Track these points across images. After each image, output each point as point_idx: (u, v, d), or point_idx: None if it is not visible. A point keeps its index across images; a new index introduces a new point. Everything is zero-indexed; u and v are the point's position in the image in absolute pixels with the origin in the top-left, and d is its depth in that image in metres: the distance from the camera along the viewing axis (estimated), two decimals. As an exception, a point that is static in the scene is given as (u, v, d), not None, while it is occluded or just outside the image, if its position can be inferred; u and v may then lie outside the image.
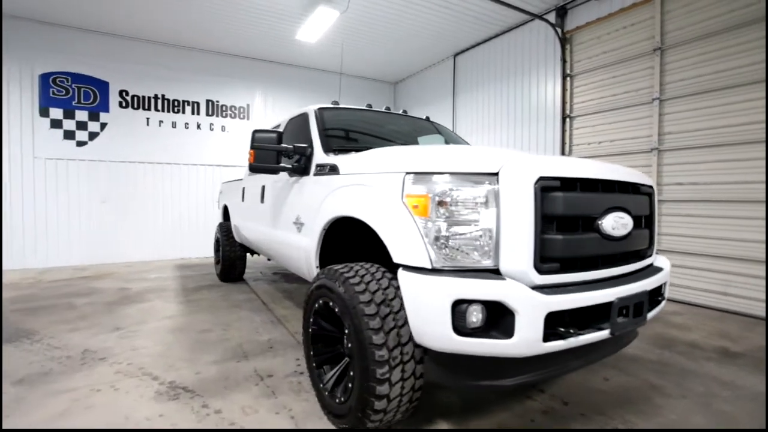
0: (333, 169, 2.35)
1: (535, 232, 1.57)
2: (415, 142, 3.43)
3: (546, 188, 1.61)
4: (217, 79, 7.68)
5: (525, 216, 1.57)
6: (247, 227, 4.24)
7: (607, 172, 1.87)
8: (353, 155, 2.32)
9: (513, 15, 6.10)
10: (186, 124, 7.40)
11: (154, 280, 5.54)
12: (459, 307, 1.52)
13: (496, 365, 1.66)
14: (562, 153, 5.75)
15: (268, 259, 5.54)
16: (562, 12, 5.67)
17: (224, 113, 7.77)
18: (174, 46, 7.25)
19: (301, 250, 2.67)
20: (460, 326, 1.52)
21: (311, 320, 2.18)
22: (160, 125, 7.17)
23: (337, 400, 1.92)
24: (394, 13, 6.08)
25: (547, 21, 5.71)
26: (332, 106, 3.25)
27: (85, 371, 2.65)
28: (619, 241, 1.85)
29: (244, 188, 4.41)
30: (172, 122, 7.28)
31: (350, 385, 1.82)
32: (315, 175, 2.57)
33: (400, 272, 1.67)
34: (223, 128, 7.76)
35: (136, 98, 6.95)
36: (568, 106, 5.69)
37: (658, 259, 2.28)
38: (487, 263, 1.60)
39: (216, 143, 7.71)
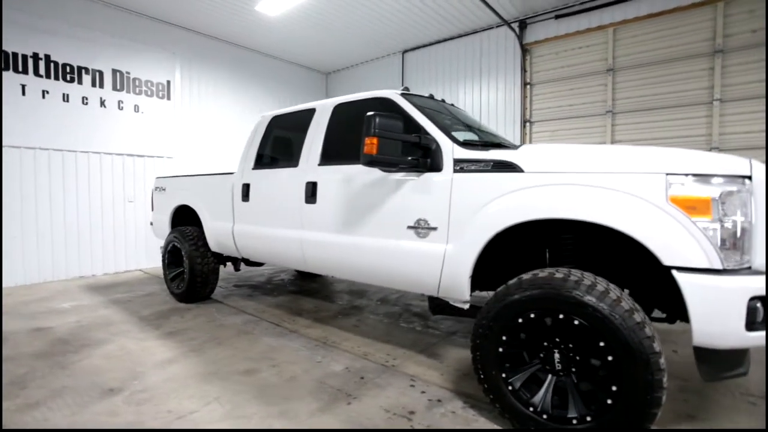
0: (505, 166, 2.08)
1: (775, 228, 1.71)
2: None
3: None
4: (129, 45, 5.94)
5: None
6: (260, 234, 3.41)
7: None
8: (535, 150, 2.10)
9: (475, 19, 6.42)
10: (84, 98, 5.51)
11: (75, 312, 4.00)
12: (750, 304, 1.55)
13: (738, 356, 1.75)
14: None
15: (236, 269, 4.63)
16: (522, 25, 6.23)
17: (137, 89, 6.07)
18: (62, -10, 5.30)
19: (431, 259, 2.29)
20: (749, 322, 1.56)
21: (505, 338, 1.91)
22: (44, 96, 5.16)
23: (576, 422, 1.74)
24: (370, -1, 5.72)
25: (513, 30, 6.19)
26: (409, 92, 2.85)
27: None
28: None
29: (247, 185, 3.53)
30: (64, 94, 5.33)
31: (609, 401, 1.66)
32: (459, 172, 2.23)
33: (682, 275, 1.60)
34: (136, 108, 6.06)
35: (2, 55, 4.83)
36: (528, 111, 6.31)
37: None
38: (746, 260, 1.66)
39: (127, 126, 5.97)
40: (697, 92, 4.93)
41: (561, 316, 1.76)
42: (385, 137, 2.15)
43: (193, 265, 4.09)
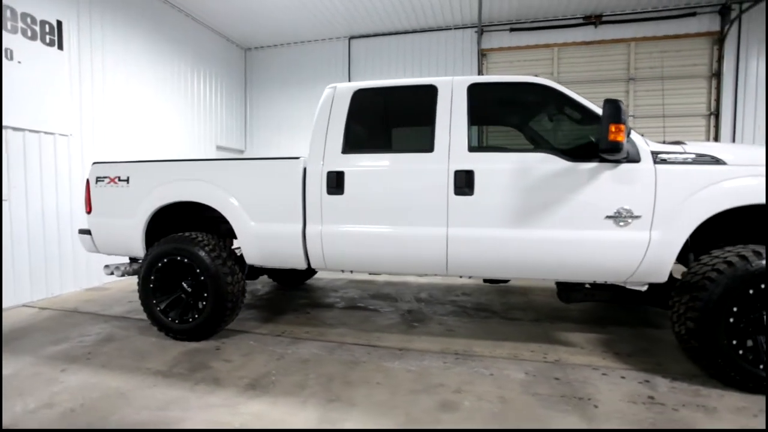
0: (708, 160, 2.32)
1: None
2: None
3: None
4: (-1, -49, 3.74)
5: None
6: (370, 235, 2.74)
7: None
8: (722, 147, 2.41)
9: (439, 17, 6.61)
10: None
11: (18, 390, 2.40)
12: None
13: None
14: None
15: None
16: (480, 31, 6.74)
17: (10, 24, 3.90)
18: None
19: (632, 247, 2.36)
20: None
21: (735, 309, 2.20)
22: None
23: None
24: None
25: (477, 31, 6.61)
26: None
27: None
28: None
29: (338, 173, 2.77)
30: None
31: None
32: (661, 163, 2.36)
33: None
34: (8, 53, 3.89)
35: None
36: (484, 112, 6.89)
37: None
38: None
39: (-6, 82, 3.79)
40: (616, 108, 6.37)
41: (796, 285, 2.12)
42: (626, 125, 2.11)
43: (220, 285, 2.97)
